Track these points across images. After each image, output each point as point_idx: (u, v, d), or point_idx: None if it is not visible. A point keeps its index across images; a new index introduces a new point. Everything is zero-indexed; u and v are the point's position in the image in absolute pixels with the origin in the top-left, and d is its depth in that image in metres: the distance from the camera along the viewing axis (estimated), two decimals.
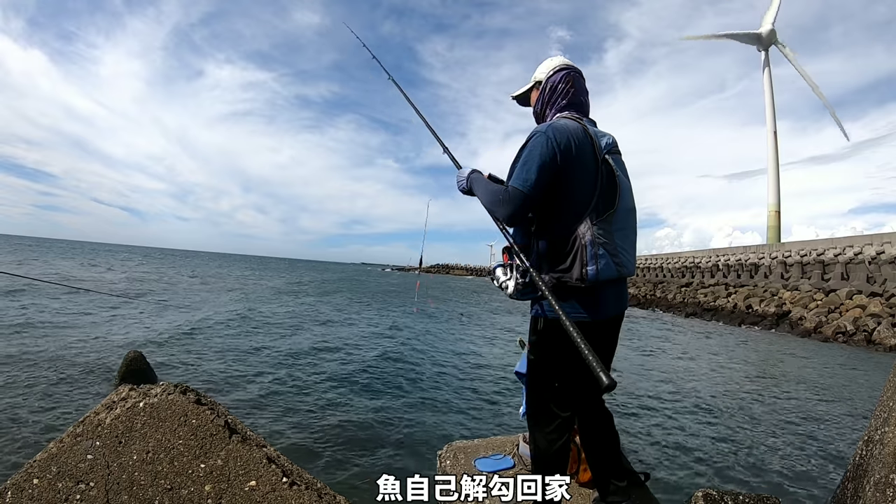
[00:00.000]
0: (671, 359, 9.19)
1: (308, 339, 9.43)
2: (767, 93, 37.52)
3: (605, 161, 1.49)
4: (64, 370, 5.64)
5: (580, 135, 1.49)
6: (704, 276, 28.29)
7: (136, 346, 6.97)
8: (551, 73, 1.65)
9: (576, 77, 1.64)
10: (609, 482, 1.69)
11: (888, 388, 1.77)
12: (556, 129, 1.47)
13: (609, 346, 1.62)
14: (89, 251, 75.70)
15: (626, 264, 1.48)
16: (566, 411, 1.56)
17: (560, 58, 1.70)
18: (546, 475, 1.61)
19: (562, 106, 1.62)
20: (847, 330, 13.84)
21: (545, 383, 1.57)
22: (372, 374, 6.74)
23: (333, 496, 1.68)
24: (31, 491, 1.40)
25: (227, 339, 8.72)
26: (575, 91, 1.62)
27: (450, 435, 4.29)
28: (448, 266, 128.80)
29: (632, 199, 1.58)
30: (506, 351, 9.42)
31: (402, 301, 22.56)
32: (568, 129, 1.49)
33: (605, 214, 1.45)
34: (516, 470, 2.17)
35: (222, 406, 1.91)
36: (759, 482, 3.63)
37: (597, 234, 1.42)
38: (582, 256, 1.42)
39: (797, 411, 5.72)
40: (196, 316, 11.62)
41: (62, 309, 10.77)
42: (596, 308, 1.47)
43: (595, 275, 1.41)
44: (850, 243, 19.69)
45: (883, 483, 1.51)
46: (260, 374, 6.24)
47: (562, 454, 1.57)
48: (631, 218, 1.56)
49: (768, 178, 36.87)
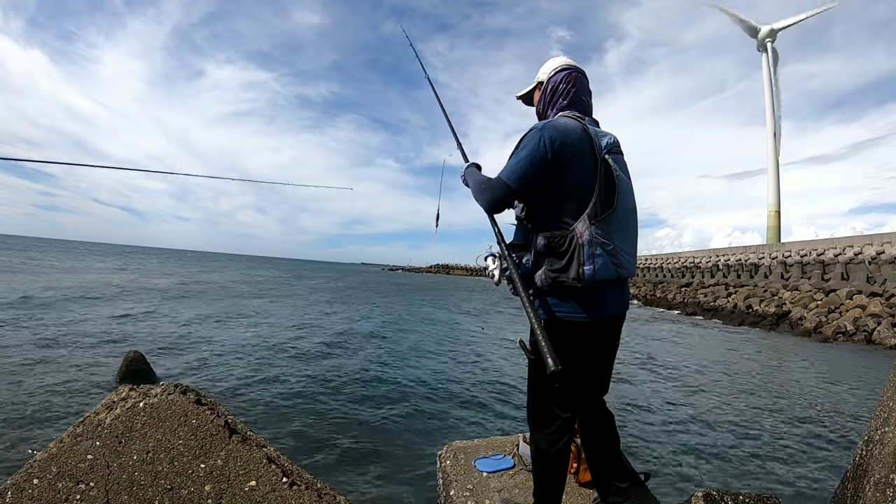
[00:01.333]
0: (671, 359, 9.18)
1: (308, 340, 9.43)
2: (767, 93, 37.55)
3: (605, 161, 1.48)
4: (64, 370, 5.64)
5: (578, 134, 1.49)
6: (704, 276, 28.30)
7: (136, 346, 6.97)
8: (553, 73, 1.66)
9: (577, 77, 1.64)
10: (610, 483, 1.69)
11: (888, 388, 1.77)
12: (552, 127, 1.47)
13: (610, 346, 1.62)
14: (97, 251, 75.71)
15: (625, 265, 1.47)
16: (567, 412, 1.56)
17: (562, 58, 1.70)
18: (546, 476, 1.61)
19: (563, 106, 1.62)
20: (847, 330, 13.83)
21: (545, 384, 1.56)
22: (372, 373, 6.74)
23: (333, 496, 1.68)
24: (31, 491, 1.40)
25: (228, 339, 8.72)
26: (576, 91, 1.62)
27: (450, 435, 4.29)
28: (448, 266, 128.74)
29: (632, 200, 1.57)
30: (509, 351, 9.42)
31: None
32: (566, 127, 1.49)
33: (603, 214, 1.44)
34: (516, 470, 2.17)
35: (222, 406, 1.91)
36: (759, 482, 3.63)
37: (595, 234, 1.41)
38: (579, 256, 1.41)
39: (797, 411, 5.72)
40: (198, 316, 11.62)
41: (62, 309, 10.77)
42: (595, 308, 1.46)
43: (592, 275, 1.40)
44: (850, 243, 19.69)
45: (883, 483, 1.51)
46: (260, 374, 6.24)
47: (562, 455, 1.57)
48: (631, 218, 1.55)
49: (768, 178, 36.92)
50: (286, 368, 6.71)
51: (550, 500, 1.62)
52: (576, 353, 1.50)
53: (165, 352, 7.19)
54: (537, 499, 1.63)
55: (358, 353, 8.29)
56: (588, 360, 1.55)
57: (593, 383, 1.63)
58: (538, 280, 1.49)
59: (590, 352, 1.54)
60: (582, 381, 1.57)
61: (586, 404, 1.65)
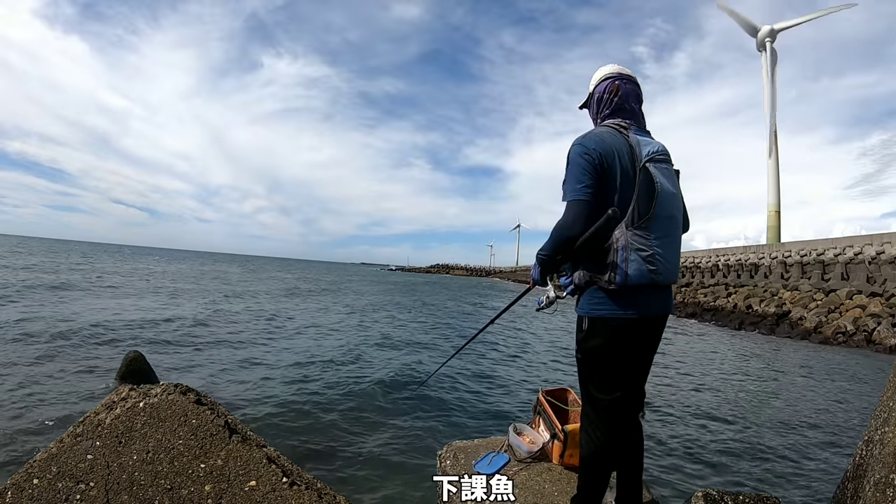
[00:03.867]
0: (670, 359, 9.19)
1: (309, 340, 9.43)
2: (767, 92, 37.53)
3: (644, 168, 1.51)
4: (64, 370, 5.63)
5: (616, 142, 1.53)
6: (704, 276, 28.30)
7: (137, 345, 6.97)
8: (598, 83, 1.70)
9: (622, 84, 1.65)
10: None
11: (888, 388, 1.77)
12: (588, 139, 1.54)
13: (647, 345, 1.64)
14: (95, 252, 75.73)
15: (662, 271, 1.50)
16: (607, 395, 1.60)
17: (609, 66, 1.72)
18: (585, 472, 1.68)
19: (606, 115, 1.66)
20: (847, 330, 13.83)
21: (589, 377, 1.64)
22: (373, 373, 6.73)
23: (333, 496, 1.68)
24: (31, 491, 1.40)
25: (228, 339, 8.72)
26: (620, 99, 1.64)
27: (450, 435, 4.29)
28: (448, 266, 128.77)
29: (674, 207, 1.58)
30: (511, 350, 9.42)
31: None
32: (601, 137, 1.54)
33: (641, 221, 1.47)
34: (516, 470, 2.17)
35: (222, 406, 1.91)
36: (759, 482, 3.62)
37: (631, 241, 1.46)
38: (614, 261, 1.47)
39: (796, 411, 5.72)
40: (203, 316, 11.63)
41: (62, 308, 10.77)
42: (631, 308, 1.51)
43: (624, 280, 1.46)
44: (850, 243, 19.69)
45: (883, 483, 1.51)
46: (260, 374, 6.24)
47: (605, 454, 1.62)
48: (672, 225, 1.57)
49: (768, 178, 36.87)
50: (286, 368, 6.71)
51: (589, 497, 1.67)
52: (613, 348, 1.55)
53: (165, 352, 7.19)
54: (578, 493, 1.71)
55: (358, 354, 8.28)
56: (625, 356, 1.58)
57: (631, 382, 1.65)
58: (577, 279, 1.58)
59: (626, 349, 1.57)
60: (621, 374, 1.60)
61: (624, 415, 1.66)
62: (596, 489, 1.66)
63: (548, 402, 2.41)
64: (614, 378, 1.59)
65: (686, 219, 1.74)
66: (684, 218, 1.71)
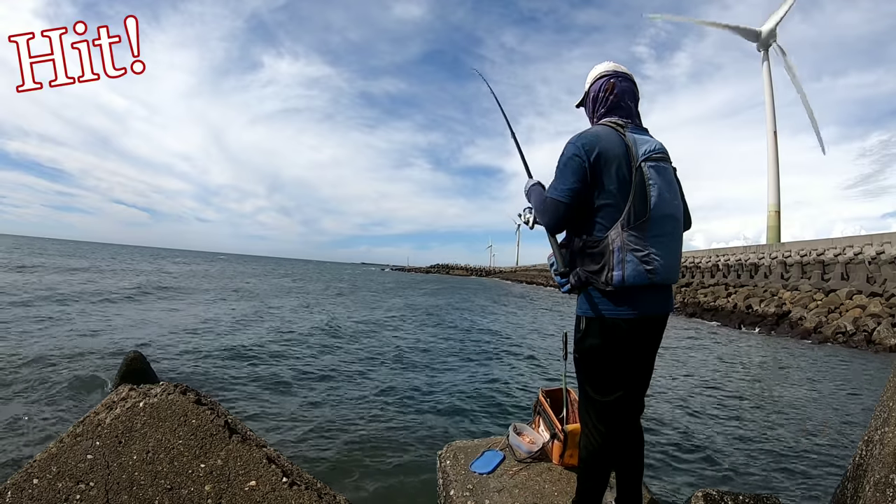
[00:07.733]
0: (670, 359, 9.18)
1: (309, 340, 9.43)
2: (767, 92, 37.50)
3: (640, 168, 1.49)
4: (64, 369, 5.62)
5: (612, 141, 1.51)
6: (704, 276, 28.29)
7: (137, 345, 6.97)
8: (593, 81, 1.69)
9: (618, 82, 1.64)
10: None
11: (888, 388, 1.77)
12: (584, 137, 1.53)
13: (647, 345, 1.64)
14: (96, 252, 75.71)
15: (659, 271, 1.48)
16: (605, 396, 1.59)
17: (605, 64, 1.70)
18: (584, 473, 1.69)
19: (602, 113, 1.65)
20: (847, 330, 13.83)
21: (587, 378, 1.64)
22: (372, 373, 6.74)
23: (333, 496, 1.69)
24: (31, 491, 1.40)
25: (229, 339, 8.72)
26: (616, 97, 1.63)
27: (450, 435, 4.29)
28: (448, 266, 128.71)
29: (672, 206, 1.56)
30: (512, 349, 9.42)
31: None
32: (597, 135, 1.53)
33: (638, 221, 1.46)
34: (516, 469, 2.17)
35: (222, 406, 1.91)
36: (759, 482, 3.62)
37: (627, 241, 1.45)
38: (609, 261, 1.47)
39: (796, 411, 5.72)
40: (203, 315, 11.63)
41: (62, 308, 10.77)
42: (629, 307, 1.51)
43: (621, 280, 1.45)
44: (850, 243, 19.67)
45: (883, 483, 1.51)
46: (260, 374, 6.23)
47: (603, 455, 1.62)
48: (670, 224, 1.55)
49: (768, 178, 36.85)
50: (285, 369, 6.71)
51: (588, 497, 1.67)
52: (609, 348, 1.55)
53: (165, 352, 7.19)
54: (577, 495, 1.71)
55: (356, 353, 8.28)
56: (623, 357, 1.57)
57: (631, 383, 1.64)
58: (574, 277, 1.58)
59: (623, 349, 1.56)
60: (619, 375, 1.59)
61: (624, 416, 1.66)
62: (595, 489, 1.66)
63: (548, 402, 2.42)
64: (612, 379, 1.58)
65: (688, 216, 1.73)
66: (685, 215, 1.69)
